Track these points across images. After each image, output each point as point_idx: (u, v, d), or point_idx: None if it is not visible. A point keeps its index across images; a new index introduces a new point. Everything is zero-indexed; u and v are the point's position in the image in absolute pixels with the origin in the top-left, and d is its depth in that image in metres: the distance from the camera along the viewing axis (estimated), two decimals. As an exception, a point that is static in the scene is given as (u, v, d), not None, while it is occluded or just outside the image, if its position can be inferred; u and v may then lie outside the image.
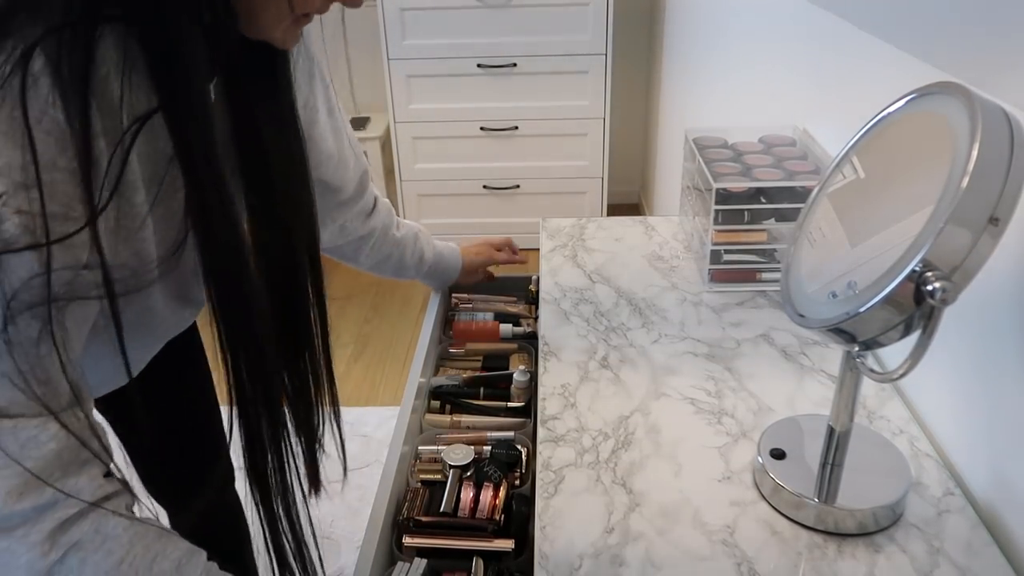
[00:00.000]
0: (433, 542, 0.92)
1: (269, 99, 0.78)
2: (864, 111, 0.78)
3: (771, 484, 0.79)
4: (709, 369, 1.01)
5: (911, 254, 0.58)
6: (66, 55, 0.57)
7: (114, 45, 0.60)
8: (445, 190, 3.23)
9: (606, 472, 0.85)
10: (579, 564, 0.75)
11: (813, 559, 0.74)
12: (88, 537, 0.63)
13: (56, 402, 0.62)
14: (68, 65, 0.57)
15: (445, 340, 1.31)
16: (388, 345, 2.73)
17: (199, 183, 0.66)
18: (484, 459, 1.02)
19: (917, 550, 0.74)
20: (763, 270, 1.18)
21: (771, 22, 1.54)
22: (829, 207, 0.75)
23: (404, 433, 1.05)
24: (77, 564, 0.63)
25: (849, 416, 0.76)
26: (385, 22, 2.89)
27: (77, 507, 0.63)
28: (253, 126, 0.77)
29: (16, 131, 0.55)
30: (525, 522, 0.92)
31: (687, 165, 1.30)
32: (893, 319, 0.61)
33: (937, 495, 0.80)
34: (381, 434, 2.28)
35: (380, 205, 1.22)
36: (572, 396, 0.98)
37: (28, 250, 0.57)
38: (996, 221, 0.56)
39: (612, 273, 1.25)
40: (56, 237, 0.58)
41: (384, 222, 1.24)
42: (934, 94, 0.66)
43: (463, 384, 1.20)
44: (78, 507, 0.63)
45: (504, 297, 1.43)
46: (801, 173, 1.12)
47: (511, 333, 1.30)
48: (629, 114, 3.50)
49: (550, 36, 2.91)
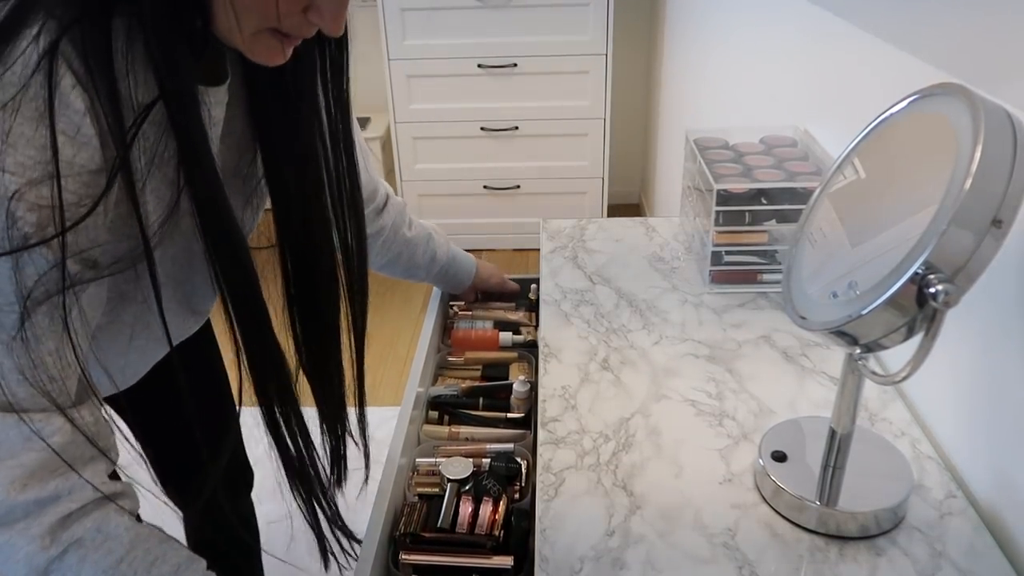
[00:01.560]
0: (431, 559, 0.91)
1: (289, 103, 0.80)
2: (865, 111, 0.78)
3: (772, 486, 0.79)
4: (710, 371, 1.01)
5: (913, 256, 0.58)
6: (91, 47, 0.58)
7: (122, 37, 0.61)
8: (445, 190, 3.23)
9: (607, 474, 0.85)
10: (580, 567, 0.74)
11: (815, 562, 0.74)
12: (90, 535, 0.63)
13: (65, 398, 0.62)
14: (93, 57, 0.58)
15: (444, 348, 1.30)
16: (389, 345, 2.73)
17: (190, 177, 0.66)
18: (483, 472, 1.00)
19: (919, 553, 0.74)
20: (764, 271, 1.18)
21: (771, 22, 1.54)
22: (830, 208, 0.75)
23: (401, 445, 1.04)
24: (76, 561, 0.62)
25: (851, 418, 0.76)
26: (385, 22, 2.89)
27: (80, 503, 0.63)
28: (271, 127, 0.79)
29: (35, 127, 0.56)
30: (525, 538, 0.92)
31: (688, 166, 1.30)
32: (895, 321, 0.60)
33: (939, 497, 0.80)
34: (382, 434, 2.27)
35: (392, 203, 1.20)
36: (573, 398, 0.97)
37: (42, 244, 0.57)
38: (999, 223, 0.56)
39: (613, 274, 1.25)
40: (70, 223, 0.58)
41: (395, 220, 1.21)
42: (936, 95, 0.65)
43: (462, 394, 1.19)
44: (81, 503, 0.63)
45: (504, 304, 1.41)
46: (802, 174, 1.12)
47: (511, 341, 1.28)
48: (629, 114, 3.49)
49: (550, 36, 2.90)
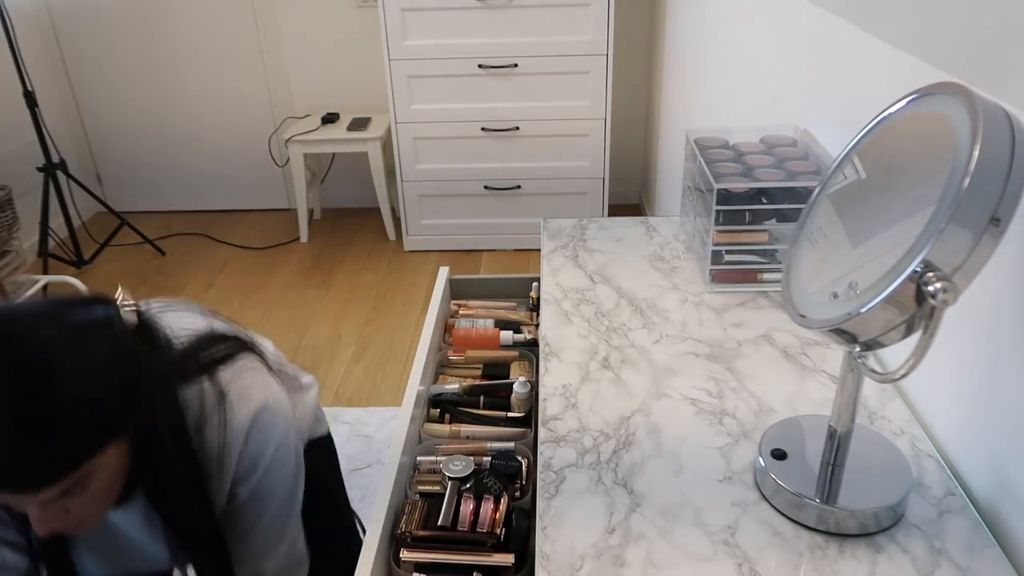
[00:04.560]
0: (432, 556, 0.91)
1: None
2: (865, 111, 0.78)
3: (772, 484, 0.79)
4: (710, 369, 1.01)
5: (912, 254, 0.58)
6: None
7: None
8: (446, 191, 3.23)
9: (607, 472, 0.85)
10: (580, 565, 0.75)
11: (814, 559, 0.74)
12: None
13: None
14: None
15: (445, 347, 1.30)
16: (389, 346, 2.73)
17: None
18: (484, 471, 1.01)
19: (918, 550, 0.74)
20: (764, 271, 1.18)
21: (771, 22, 1.54)
22: (830, 207, 0.75)
23: (402, 443, 1.04)
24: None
25: (850, 416, 0.76)
26: (386, 22, 2.89)
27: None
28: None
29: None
30: (526, 536, 0.92)
31: (688, 165, 1.30)
32: (894, 319, 0.61)
33: (938, 495, 0.80)
34: (382, 435, 2.28)
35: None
36: (573, 396, 0.98)
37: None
38: (997, 221, 0.56)
39: (613, 273, 1.25)
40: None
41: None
42: (935, 94, 0.66)
43: (463, 392, 1.19)
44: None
45: (505, 303, 1.42)
46: (802, 173, 1.12)
47: (512, 340, 1.28)
48: (630, 114, 3.50)
49: (551, 36, 2.91)
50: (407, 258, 3.34)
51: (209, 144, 3.67)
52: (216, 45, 3.46)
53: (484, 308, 1.40)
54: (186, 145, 3.68)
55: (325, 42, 3.43)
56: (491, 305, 1.41)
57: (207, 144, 3.67)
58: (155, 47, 3.48)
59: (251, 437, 0.90)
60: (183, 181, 3.75)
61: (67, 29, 3.48)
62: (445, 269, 1.48)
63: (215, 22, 3.42)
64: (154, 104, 3.59)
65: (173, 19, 3.42)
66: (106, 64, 3.52)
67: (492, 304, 1.42)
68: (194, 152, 3.69)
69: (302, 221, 3.48)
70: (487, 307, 1.41)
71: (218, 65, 3.50)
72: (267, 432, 0.91)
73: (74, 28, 3.47)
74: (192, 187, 3.77)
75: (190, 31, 3.44)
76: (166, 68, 3.52)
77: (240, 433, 0.89)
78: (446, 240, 3.35)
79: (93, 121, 3.65)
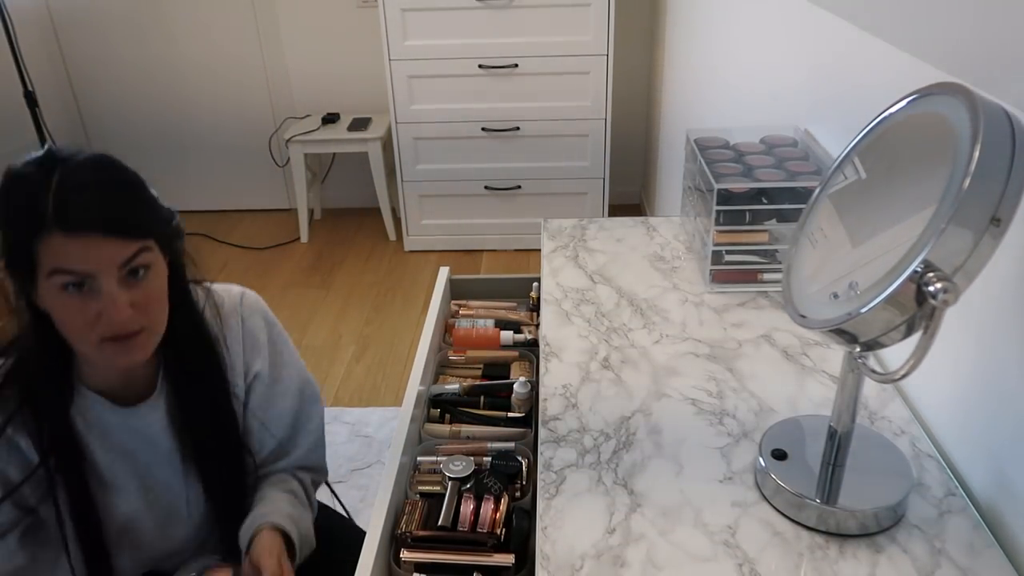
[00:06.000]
0: (432, 556, 0.91)
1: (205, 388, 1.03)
2: (865, 111, 0.78)
3: (772, 485, 0.79)
4: (710, 370, 1.01)
5: (912, 255, 0.58)
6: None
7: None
8: (446, 191, 3.23)
9: (607, 473, 0.85)
10: (580, 565, 0.75)
11: (815, 560, 0.74)
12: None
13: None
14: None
15: (445, 347, 1.30)
16: (389, 346, 2.73)
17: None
18: (484, 471, 1.01)
19: (919, 551, 0.74)
20: (764, 271, 1.18)
21: (771, 22, 1.54)
22: (831, 207, 0.75)
23: (402, 444, 1.04)
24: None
25: (850, 417, 0.76)
26: (386, 23, 2.89)
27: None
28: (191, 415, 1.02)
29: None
30: (526, 537, 0.92)
31: (688, 166, 1.30)
32: (894, 320, 0.61)
33: (939, 496, 0.80)
34: (383, 435, 2.28)
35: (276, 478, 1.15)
36: (573, 397, 0.98)
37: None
38: (998, 221, 0.56)
39: (613, 274, 1.25)
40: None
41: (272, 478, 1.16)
42: (935, 94, 0.66)
43: (463, 392, 1.19)
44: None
45: (505, 303, 1.41)
46: (802, 174, 1.12)
47: (512, 340, 1.28)
48: (630, 114, 3.50)
49: (551, 37, 2.91)
50: (407, 258, 3.34)
51: (209, 144, 3.67)
52: (216, 45, 3.46)
53: (484, 308, 1.40)
54: (186, 145, 3.68)
55: (325, 42, 3.43)
56: (491, 305, 1.41)
57: (207, 144, 3.67)
58: (155, 47, 3.48)
59: (244, 316, 1.07)
60: (183, 181, 3.75)
61: (67, 29, 3.48)
62: (445, 269, 1.48)
63: (215, 22, 3.42)
64: (154, 104, 3.59)
65: (173, 19, 3.42)
66: (106, 64, 3.52)
67: (492, 304, 1.41)
68: (194, 152, 3.69)
69: (302, 221, 3.48)
70: (487, 307, 1.40)
71: (218, 65, 3.50)
72: (255, 309, 1.09)
73: (74, 28, 3.47)
74: (192, 187, 3.76)
75: (190, 31, 3.44)
76: (166, 68, 3.52)
77: (233, 313, 1.06)
78: (446, 240, 3.35)
79: (93, 121, 3.65)
